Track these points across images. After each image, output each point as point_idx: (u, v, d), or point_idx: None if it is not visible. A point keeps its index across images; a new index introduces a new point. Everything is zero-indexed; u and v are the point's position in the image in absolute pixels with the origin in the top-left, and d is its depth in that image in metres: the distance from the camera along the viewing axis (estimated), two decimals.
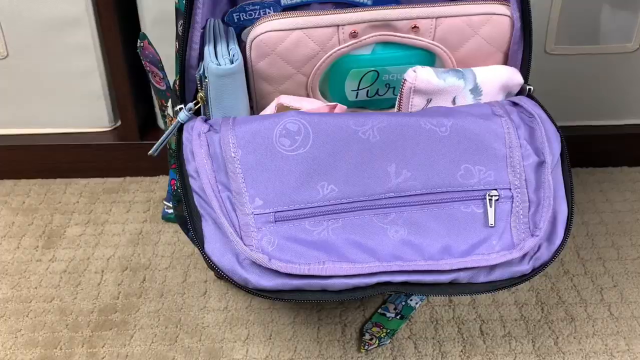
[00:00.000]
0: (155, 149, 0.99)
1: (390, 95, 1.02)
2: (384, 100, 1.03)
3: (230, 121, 0.89)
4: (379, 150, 0.87)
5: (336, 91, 1.01)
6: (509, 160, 0.88)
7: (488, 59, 0.98)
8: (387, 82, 1.00)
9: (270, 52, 0.94)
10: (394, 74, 0.99)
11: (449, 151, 0.88)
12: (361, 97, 1.02)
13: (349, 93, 1.01)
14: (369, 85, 1.00)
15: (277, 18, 0.94)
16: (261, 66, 0.96)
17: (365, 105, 1.04)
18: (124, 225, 1.40)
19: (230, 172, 0.86)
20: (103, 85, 1.46)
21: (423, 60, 0.98)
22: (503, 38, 0.97)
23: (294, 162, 0.86)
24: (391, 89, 1.01)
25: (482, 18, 0.95)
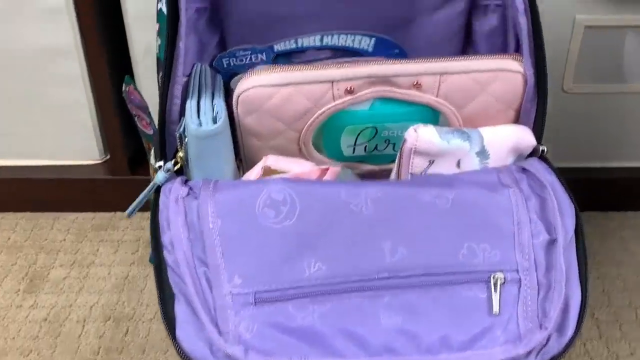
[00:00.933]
0: (131, 210, 0.91)
1: (390, 151, 0.94)
2: (384, 156, 0.95)
3: (211, 185, 0.82)
4: (372, 224, 0.79)
5: (331, 146, 0.94)
6: (517, 238, 0.79)
7: (497, 117, 0.90)
8: (386, 138, 0.92)
9: (258, 109, 0.87)
10: (394, 130, 0.91)
11: (450, 227, 0.79)
12: (358, 152, 0.94)
13: (345, 148, 0.93)
14: (367, 141, 0.92)
15: (266, 72, 0.86)
16: (249, 122, 0.89)
17: (363, 159, 0.96)
18: (110, 268, 1.34)
19: (208, 245, 0.78)
20: (92, 117, 1.40)
21: (426, 118, 0.90)
22: (514, 96, 0.88)
23: (279, 235, 0.78)
24: (391, 144, 0.93)
25: (491, 75, 0.87)
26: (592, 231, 1.34)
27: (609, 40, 1.29)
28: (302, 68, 0.86)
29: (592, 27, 1.27)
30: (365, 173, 0.98)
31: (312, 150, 0.93)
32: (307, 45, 0.93)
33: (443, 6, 0.91)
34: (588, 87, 1.34)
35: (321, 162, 0.94)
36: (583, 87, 1.34)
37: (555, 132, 0.93)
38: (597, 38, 1.28)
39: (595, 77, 1.32)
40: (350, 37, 0.93)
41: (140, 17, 1.28)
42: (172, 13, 0.84)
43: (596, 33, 1.28)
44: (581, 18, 1.26)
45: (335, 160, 0.95)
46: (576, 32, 1.28)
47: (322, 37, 0.93)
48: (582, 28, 1.27)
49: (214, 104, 0.87)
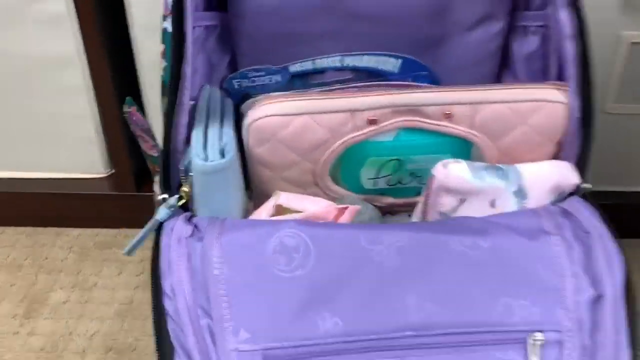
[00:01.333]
0: (130, 249, 0.83)
1: (416, 185, 0.86)
2: (408, 189, 0.87)
3: (218, 225, 0.74)
4: (396, 276, 0.70)
5: (350, 178, 0.85)
6: (560, 294, 0.70)
7: (536, 150, 0.81)
8: (412, 171, 0.84)
9: (271, 138, 0.79)
10: (421, 163, 0.83)
11: (485, 280, 0.70)
12: (380, 185, 0.86)
13: (366, 181, 0.85)
14: (391, 174, 0.84)
15: (279, 100, 0.78)
16: (260, 152, 0.80)
17: (384, 193, 0.88)
18: (114, 292, 1.26)
19: (212, 295, 0.70)
20: (97, 130, 1.33)
21: (457, 150, 0.81)
22: (556, 128, 0.80)
23: (291, 286, 0.69)
24: (417, 178, 0.85)
25: (531, 105, 0.78)
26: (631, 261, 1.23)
27: None
28: (319, 96, 0.78)
29: (638, 44, 1.19)
30: (386, 206, 0.89)
31: (329, 183, 0.85)
32: (326, 66, 0.86)
33: (478, 25, 0.83)
34: (631, 108, 1.26)
35: (339, 195, 0.86)
36: (626, 107, 1.26)
37: (595, 154, 0.84)
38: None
39: (639, 98, 1.24)
40: (374, 58, 0.85)
41: (147, 25, 1.21)
42: (177, 34, 0.77)
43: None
44: (627, 34, 1.18)
45: (355, 192, 0.87)
46: (621, 49, 1.20)
47: (343, 58, 0.85)
48: (628, 45, 1.19)
49: (222, 134, 0.79)
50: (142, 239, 0.81)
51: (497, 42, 0.84)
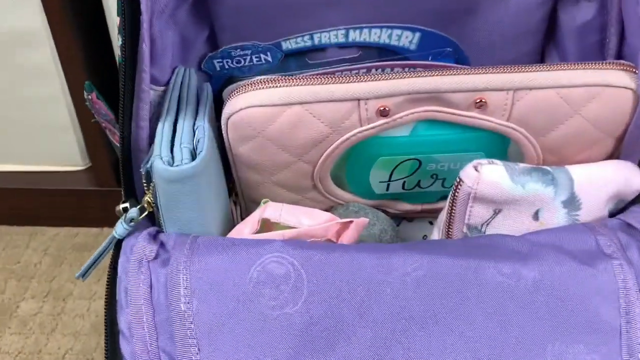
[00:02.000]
0: (83, 272, 0.69)
1: (439, 188, 0.70)
2: (428, 194, 0.71)
3: (188, 245, 0.59)
4: (414, 318, 0.55)
5: (357, 181, 0.70)
6: (625, 336, 0.56)
7: (592, 147, 0.65)
8: (433, 172, 0.68)
9: (257, 135, 0.63)
10: (445, 163, 0.67)
11: (530, 320, 0.55)
12: (394, 189, 0.70)
13: (376, 185, 0.69)
14: (407, 176, 0.68)
15: (266, 86, 0.62)
16: (244, 152, 0.65)
17: (399, 198, 0.72)
18: (90, 302, 1.13)
19: (178, 336, 0.56)
20: (71, 116, 1.18)
21: (490, 148, 0.65)
22: (619, 120, 0.63)
23: (277, 327, 0.55)
24: (439, 180, 0.69)
25: (587, 91, 0.62)
26: None
27: None
28: (316, 80, 0.62)
29: None
30: (403, 213, 0.74)
31: (331, 187, 0.69)
32: (327, 42, 0.70)
33: None
34: None
35: (344, 202, 0.72)
36: None
37: None
38: None
39: None
40: (386, 32, 0.69)
41: None
42: (129, 3, 0.59)
43: None
44: None
45: (363, 198, 0.71)
46: None
47: (348, 32, 0.69)
48: None
49: (195, 129, 0.63)
50: (96, 260, 0.68)
51: (542, 12, 0.68)
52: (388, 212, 0.73)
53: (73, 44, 1.07)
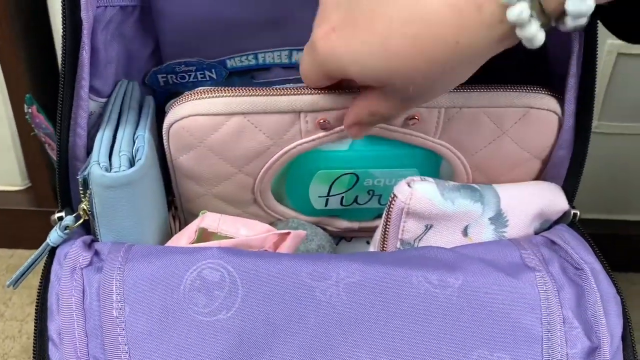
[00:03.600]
0: (14, 280, 0.68)
1: (375, 205, 0.72)
2: (366, 211, 0.74)
3: (122, 252, 0.59)
4: (345, 323, 0.57)
5: (297, 196, 0.72)
6: (546, 345, 0.58)
7: (518, 167, 0.69)
8: (370, 188, 0.71)
9: (197, 145, 0.65)
10: (381, 179, 0.70)
11: (454, 328, 0.58)
12: (333, 205, 0.72)
13: (315, 200, 0.72)
14: (345, 190, 0.71)
15: (208, 95, 0.64)
16: (184, 161, 0.66)
17: (338, 215, 0.75)
18: (22, 324, 1.11)
19: (109, 342, 0.56)
20: (12, 133, 1.17)
21: (423, 165, 0.68)
22: (544, 142, 0.67)
23: (211, 333, 0.56)
24: (376, 197, 0.72)
25: (515, 112, 0.65)
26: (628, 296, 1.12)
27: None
28: (258, 91, 0.64)
29: (625, 55, 1.07)
30: (340, 231, 0.77)
31: (271, 201, 0.71)
32: (272, 62, 0.73)
33: None
34: (617, 127, 1.15)
35: (283, 217, 0.73)
36: (611, 126, 1.14)
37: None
38: (630, 68, 1.09)
39: (625, 115, 1.13)
40: None
41: None
42: (70, 9, 0.61)
43: (630, 62, 1.08)
44: (614, 44, 1.06)
45: (302, 214, 0.73)
46: (607, 60, 1.08)
47: (291, 53, 0.72)
48: (613, 56, 1.08)
49: (135, 137, 0.64)
50: (28, 268, 0.68)
51: None
52: (327, 229, 0.75)
53: (18, 62, 1.07)
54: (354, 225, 0.76)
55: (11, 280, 0.68)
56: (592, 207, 1.22)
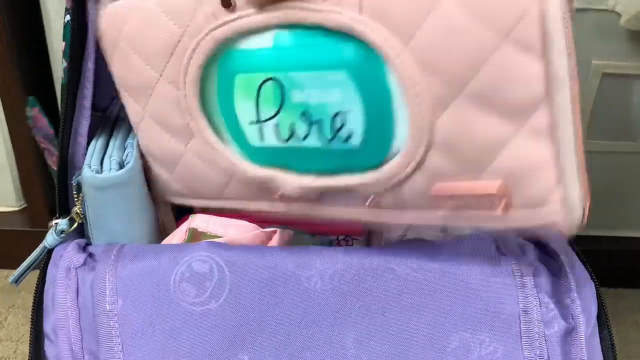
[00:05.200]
0: (17, 277, 0.66)
1: (319, 142, 0.55)
2: (311, 152, 0.56)
3: (114, 252, 0.59)
4: (330, 309, 0.55)
5: (230, 121, 0.59)
6: (524, 327, 0.56)
7: (487, 64, 0.46)
8: (302, 107, 0.55)
9: (118, 38, 0.57)
10: (310, 90, 0.53)
11: (435, 313, 0.56)
12: (270, 140, 0.57)
13: (247, 127, 0.58)
14: (275, 113, 0.56)
15: None
16: (116, 68, 0.60)
17: (284, 163, 0.58)
18: (17, 345, 1.03)
19: (103, 335, 0.55)
20: (8, 153, 1.12)
21: (349, 61, 0.51)
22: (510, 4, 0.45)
23: (201, 322, 0.55)
24: (315, 125, 0.55)
25: None
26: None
27: (628, 90, 1.02)
28: None
29: (610, 75, 1.00)
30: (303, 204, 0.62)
31: (208, 133, 0.60)
32: None
33: None
34: (603, 145, 1.06)
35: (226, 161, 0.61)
36: (597, 144, 1.05)
37: None
38: (615, 87, 1.01)
39: (611, 134, 1.05)
40: None
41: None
42: (77, 24, 0.60)
43: (614, 82, 1.01)
44: (598, 64, 0.99)
45: (247, 159, 0.60)
46: (592, 80, 1.01)
47: None
48: (598, 76, 1.01)
49: (126, 144, 0.63)
50: (29, 267, 0.66)
51: None
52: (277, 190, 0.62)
53: (13, 82, 1.04)
54: (310, 182, 0.58)
55: (13, 278, 0.66)
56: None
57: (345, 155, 0.54)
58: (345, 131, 0.52)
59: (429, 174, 0.51)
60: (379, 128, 0.52)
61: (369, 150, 0.53)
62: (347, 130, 0.52)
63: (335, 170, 0.56)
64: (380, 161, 0.53)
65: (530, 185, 0.49)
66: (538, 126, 0.47)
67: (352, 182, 0.55)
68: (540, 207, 0.49)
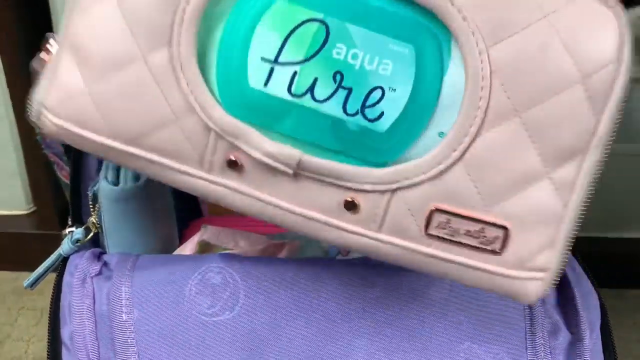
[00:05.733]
0: (32, 282, 0.66)
1: (337, 110, 0.45)
2: (317, 117, 0.45)
3: (130, 262, 0.58)
4: (344, 317, 0.55)
5: (231, 48, 0.44)
6: (530, 337, 0.56)
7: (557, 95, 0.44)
8: (339, 66, 0.44)
9: None
10: (359, 50, 0.44)
11: (445, 323, 0.56)
12: (277, 86, 0.45)
13: (256, 63, 0.44)
14: (303, 59, 0.44)
15: None
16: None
17: (274, 115, 0.45)
18: (29, 345, 1.03)
19: (119, 344, 0.55)
20: (18, 159, 1.13)
21: (424, 42, 0.44)
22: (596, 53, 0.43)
23: (216, 333, 0.54)
24: (342, 92, 0.44)
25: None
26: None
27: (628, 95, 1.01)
28: None
29: None
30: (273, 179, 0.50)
31: (188, 46, 0.44)
32: None
33: None
34: None
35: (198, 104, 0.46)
36: None
37: None
38: None
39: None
40: None
41: None
42: None
43: None
44: None
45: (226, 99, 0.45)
46: None
47: None
48: None
49: None
50: (45, 271, 0.65)
51: None
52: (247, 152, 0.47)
53: (25, 90, 1.01)
54: (291, 155, 0.45)
55: (29, 283, 0.66)
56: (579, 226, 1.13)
57: (358, 137, 0.45)
58: (376, 109, 0.44)
59: (439, 190, 0.45)
60: (413, 121, 0.44)
61: (390, 141, 0.45)
62: (379, 109, 0.44)
63: (333, 150, 0.46)
64: (392, 159, 0.45)
65: (529, 238, 0.46)
66: (563, 179, 0.45)
67: (345, 170, 0.45)
68: (520, 268, 0.47)
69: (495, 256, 0.46)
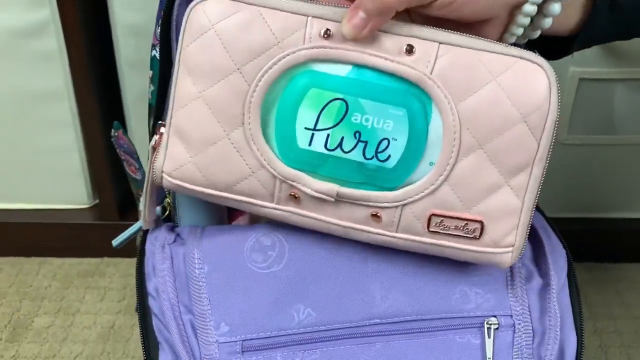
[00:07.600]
0: (120, 242, 0.75)
1: (358, 157, 0.58)
2: (346, 164, 0.58)
3: (199, 232, 0.66)
4: (363, 269, 0.63)
5: (284, 123, 0.58)
6: (509, 282, 0.64)
7: (507, 130, 0.55)
8: (357, 126, 0.58)
9: (208, 29, 0.56)
10: (369, 115, 0.57)
11: (442, 271, 0.64)
12: (317, 145, 0.58)
13: (301, 132, 0.58)
14: (333, 125, 0.57)
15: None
16: (191, 51, 0.57)
17: (317, 166, 0.58)
18: (96, 317, 1.08)
19: (194, 292, 0.63)
20: (82, 161, 1.17)
21: (413, 106, 0.56)
22: (533, 99, 0.55)
23: (266, 281, 0.63)
24: (361, 144, 0.58)
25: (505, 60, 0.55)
26: (587, 283, 1.13)
27: (602, 92, 1.09)
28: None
29: (586, 80, 1.08)
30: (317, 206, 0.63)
31: (256, 130, 0.57)
32: None
33: None
34: (582, 139, 1.13)
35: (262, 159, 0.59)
36: (577, 138, 1.13)
37: (551, 182, 0.71)
38: (590, 90, 1.08)
39: (588, 129, 1.13)
40: None
41: (133, 62, 1.09)
42: (164, 58, 0.66)
43: (590, 85, 1.08)
44: (576, 70, 1.07)
45: (282, 160, 0.59)
46: (570, 84, 1.08)
47: None
48: (576, 80, 1.08)
49: None
50: (131, 235, 0.74)
51: None
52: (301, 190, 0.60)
53: (92, 100, 1.10)
54: (332, 189, 0.59)
55: (118, 242, 0.74)
56: (563, 207, 1.20)
57: (376, 173, 0.58)
58: (385, 154, 0.57)
59: (434, 201, 0.57)
60: (411, 158, 0.57)
61: (397, 173, 0.58)
62: (387, 153, 0.57)
63: (359, 182, 0.58)
64: (399, 185, 0.58)
65: (499, 226, 0.58)
66: (518, 185, 0.57)
67: (369, 195, 0.58)
68: (495, 246, 0.59)
69: (476, 240, 0.58)
